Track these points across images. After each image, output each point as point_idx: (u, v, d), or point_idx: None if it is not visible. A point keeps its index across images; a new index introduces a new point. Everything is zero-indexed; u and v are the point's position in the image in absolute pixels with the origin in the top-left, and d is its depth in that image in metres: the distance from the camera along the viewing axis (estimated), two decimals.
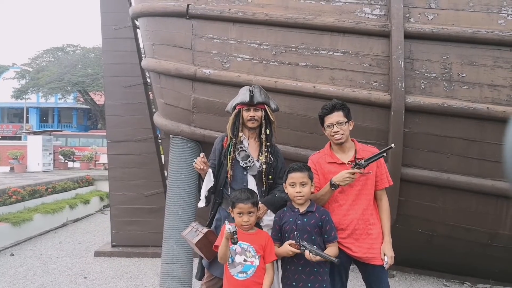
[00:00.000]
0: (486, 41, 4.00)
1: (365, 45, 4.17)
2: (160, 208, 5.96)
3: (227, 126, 2.58)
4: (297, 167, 2.23)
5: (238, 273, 2.10)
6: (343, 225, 2.34)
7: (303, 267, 2.15)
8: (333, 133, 2.38)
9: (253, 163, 2.46)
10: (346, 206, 2.35)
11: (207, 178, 2.44)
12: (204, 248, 2.30)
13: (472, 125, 4.04)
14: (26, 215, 7.41)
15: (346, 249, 2.34)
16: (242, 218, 2.15)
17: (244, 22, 4.36)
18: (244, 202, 2.15)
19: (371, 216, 2.37)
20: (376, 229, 2.38)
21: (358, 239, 2.34)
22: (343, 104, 2.45)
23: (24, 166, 14.39)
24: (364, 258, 2.32)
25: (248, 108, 2.52)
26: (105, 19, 6.38)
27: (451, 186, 4.19)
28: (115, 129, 6.40)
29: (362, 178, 2.31)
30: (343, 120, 2.38)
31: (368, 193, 2.37)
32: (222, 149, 2.57)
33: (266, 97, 2.60)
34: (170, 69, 4.54)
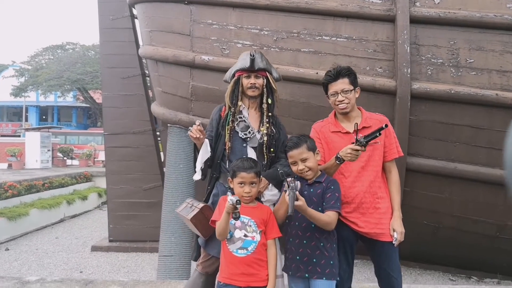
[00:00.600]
0: (494, 26, 3.87)
1: (369, 30, 4.04)
2: (159, 202, 5.81)
3: (226, 95, 2.41)
4: (292, 144, 2.03)
5: (238, 249, 1.91)
6: (349, 198, 2.14)
7: (308, 241, 1.95)
8: (337, 102, 2.18)
9: (253, 135, 2.29)
10: (351, 178, 2.14)
11: (204, 149, 2.27)
12: (200, 224, 2.13)
13: (480, 112, 3.90)
14: (22, 210, 7.28)
15: (352, 224, 2.13)
16: (244, 188, 1.96)
17: (244, 7, 4.23)
18: (247, 171, 1.96)
19: (379, 189, 2.17)
20: (385, 203, 2.18)
21: (364, 213, 2.13)
22: (349, 70, 2.23)
23: (22, 163, 14.24)
24: (371, 234, 2.12)
25: (248, 75, 2.34)
26: (102, 8, 6.25)
27: (458, 176, 4.06)
28: (113, 121, 6.27)
29: (369, 149, 2.11)
30: (349, 88, 2.17)
31: (375, 165, 2.17)
32: (219, 120, 2.41)
33: (267, 64, 2.43)
34: (168, 56, 4.40)
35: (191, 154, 4.21)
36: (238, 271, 1.90)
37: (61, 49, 30.14)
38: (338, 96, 2.17)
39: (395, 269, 2.17)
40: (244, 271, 1.90)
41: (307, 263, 1.96)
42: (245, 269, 1.90)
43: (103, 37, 6.34)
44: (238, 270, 1.90)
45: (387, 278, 2.18)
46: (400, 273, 2.21)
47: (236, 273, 1.90)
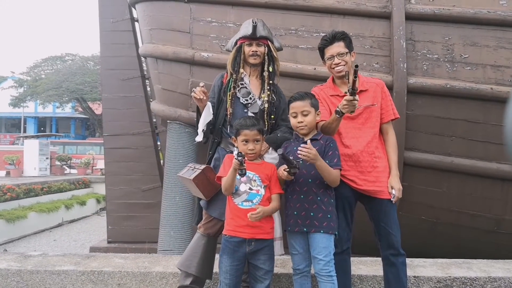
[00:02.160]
0: (488, 22, 3.95)
1: (366, 27, 4.12)
2: (157, 203, 5.83)
3: (228, 62, 2.48)
4: (298, 95, 2.13)
5: (243, 201, 2.00)
6: (346, 157, 2.20)
7: (306, 195, 2.02)
8: (334, 65, 2.26)
9: (254, 101, 2.36)
10: (349, 138, 2.21)
11: (206, 112, 2.33)
12: (202, 185, 2.17)
13: (475, 106, 3.96)
14: (21, 213, 7.29)
15: (350, 182, 2.20)
16: (248, 145, 2.04)
17: (243, 5, 4.31)
18: (250, 129, 2.04)
19: (377, 149, 2.23)
20: (382, 162, 2.24)
21: (363, 171, 2.20)
22: (344, 34, 2.32)
23: (20, 171, 14.24)
24: (370, 191, 2.18)
25: (250, 42, 2.42)
26: (103, 11, 6.34)
27: (455, 170, 4.09)
28: (112, 122, 6.31)
29: (366, 111, 2.19)
30: (344, 50, 2.26)
31: (372, 126, 2.24)
32: (221, 86, 2.47)
33: (269, 33, 2.51)
34: (168, 53, 4.47)
35: (191, 150, 4.29)
36: (243, 222, 1.98)
37: (60, 60, 30.35)
38: (334, 59, 2.25)
39: (394, 226, 2.23)
40: (249, 222, 1.97)
41: (304, 217, 2.02)
42: (249, 221, 1.94)
43: (103, 40, 6.42)
44: (243, 222, 1.99)
45: (386, 236, 2.24)
46: (399, 230, 2.27)
47: (241, 225, 1.99)
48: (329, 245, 2.05)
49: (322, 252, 2.01)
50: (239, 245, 2.03)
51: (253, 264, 2.07)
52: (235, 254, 2.03)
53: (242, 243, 2.03)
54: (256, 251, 2.03)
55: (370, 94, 2.28)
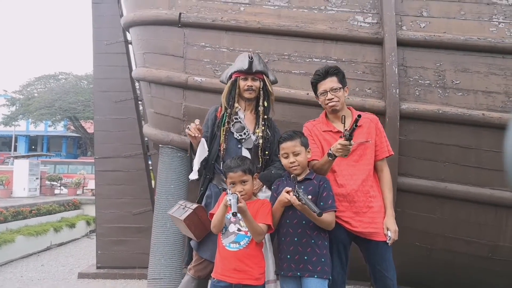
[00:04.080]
0: (478, 48, 4.01)
1: (358, 53, 4.15)
2: (148, 227, 5.72)
3: (222, 95, 2.45)
4: (287, 135, 2.10)
5: (231, 243, 1.93)
6: (341, 197, 2.16)
7: (299, 238, 1.97)
8: (327, 101, 2.24)
9: (248, 136, 2.32)
10: (343, 177, 2.17)
11: (201, 148, 2.28)
12: (193, 225, 2.11)
13: (467, 132, 3.98)
14: (8, 237, 7.11)
15: (345, 224, 2.14)
16: (236, 188, 1.99)
17: (237, 30, 4.33)
18: (234, 171, 2.01)
19: (372, 188, 2.21)
20: (378, 202, 2.21)
21: (358, 212, 2.16)
22: (337, 69, 2.31)
23: (9, 191, 13.99)
24: (365, 233, 2.14)
25: (245, 77, 2.39)
26: (97, 34, 6.37)
27: (449, 196, 4.08)
28: (104, 145, 6.26)
29: (360, 147, 2.16)
30: (338, 86, 2.25)
31: (367, 163, 2.21)
32: (215, 120, 2.43)
33: (265, 67, 2.50)
34: (161, 77, 4.47)
35: (182, 175, 4.23)
36: (230, 266, 1.90)
37: (53, 79, 30.33)
38: (327, 95, 2.24)
39: (390, 269, 2.18)
40: (235, 266, 1.89)
41: (298, 261, 1.97)
42: (237, 264, 1.89)
43: (96, 62, 6.42)
44: (230, 265, 1.91)
45: (382, 279, 2.19)
46: (395, 273, 2.22)
47: (228, 269, 1.90)
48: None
49: None
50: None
51: None
52: None
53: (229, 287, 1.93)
54: None
55: (365, 130, 2.26)
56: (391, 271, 2.19)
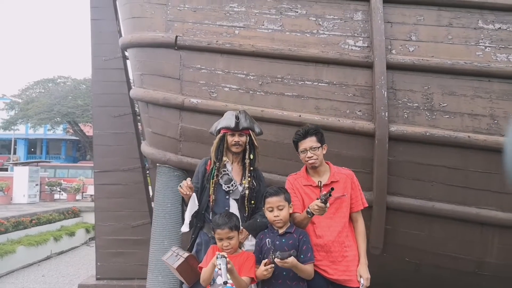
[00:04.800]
0: (465, 72, 4.13)
1: (349, 76, 4.28)
2: (147, 239, 5.84)
3: (211, 150, 2.61)
4: (272, 191, 2.28)
5: None
6: (318, 247, 2.35)
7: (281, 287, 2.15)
8: (307, 158, 2.43)
9: (235, 187, 2.49)
10: (321, 228, 2.37)
11: (191, 203, 2.45)
12: (185, 272, 2.29)
13: (454, 153, 4.11)
14: (9, 247, 7.25)
15: (322, 272, 2.35)
16: (222, 243, 2.17)
17: (231, 53, 4.46)
18: (221, 228, 2.20)
19: (347, 238, 2.40)
20: (352, 251, 2.40)
21: (334, 261, 2.36)
22: (316, 129, 2.50)
23: (9, 198, 14.13)
24: (340, 280, 2.34)
25: (233, 133, 2.57)
26: (95, 50, 6.48)
27: (436, 214, 4.21)
28: (103, 158, 6.38)
29: (337, 201, 2.34)
30: (316, 145, 2.44)
31: (343, 216, 2.41)
32: (205, 173, 2.60)
33: (251, 122, 2.66)
34: (158, 99, 4.60)
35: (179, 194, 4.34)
36: None
37: (52, 83, 30.46)
38: (307, 153, 2.40)
39: None
40: None
41: None
42: None
43: (95, 77, 6.55)
44: None
45: None
46: None
47: None
48: None
49: None
50: None
51: None
52: None
53: None
54: None
55: (341, 185, 2.46)
56: None
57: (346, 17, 4.37)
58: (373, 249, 4.38)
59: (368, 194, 4.23)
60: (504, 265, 4.27)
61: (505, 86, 4.12)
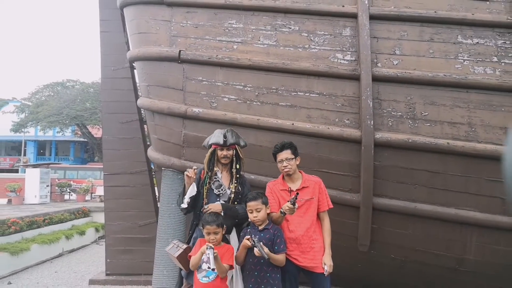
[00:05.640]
0: (444, 84, 4.46)
1: (338, 87, 4.63)
2: (153, 238, 6.25)
3: (204, 161, 3.06)
4: (252, 197, 2.76)
5: (203, 277, 2.65)
6: (291, 240, 2.81)
7: (259, 272, 2.69)
8: (283, 167, 2.90)
9: (224, 191, 2.96)
10: (293, 225, 2.83)
11: (191, 188, 2.93)
12: (183, 261, 2.78)
13: (435, 158, 4.44)
14: (24, 245, 7.68)
15: (294, 260, 2.83)
16: (210, 236, 2.63)
17: (230, 67, 4.83)
18: (210, 224, 2.69)
19: (314, 233, 2.85)
20: (318, 244, 2.86)
21: (303, 251, 2.84)
22: (291, 144, 3.00)
23: (21, 198, 14.64)
24: (308, 267, 2.80)
25: (221, 148, 3.02)
26: (104, 60, 6.91)
27: (419, 214, 4.55)
28: (112, 162, 6.80)
29: (307, 203, 2.80)
30: (291, 157, 2.93)
31: (311, 215, 2.86)
32: (199, 180, 3.03)
33: (236, 138, 3.10)
34: (163, 108, 4.99)
35: None
36: None
37: (61, 86, 31.04)
38: (283, 163, 2.84)
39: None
40: None
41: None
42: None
43: (104, 86, 6.98)
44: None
45: None
46: None
47: None
48: None
49: None
50: None
51: None
52: None
53: None
54: None
55: (310, 190, 2.96)
56: None
57: (335, 33, 4.73)
58: (360, 246, 4.74)
59: (355, 196, 4.62)
60: (482, 262, 4.59)
61: (482, 96, 4.45)
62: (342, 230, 4.70)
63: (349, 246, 4.72)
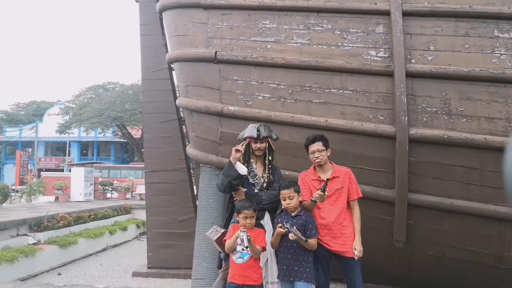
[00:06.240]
0: (481, 78, 4.41)
1: (372, 84, 4.67)
2: (192, 232, 6.48)
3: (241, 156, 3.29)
4: (285, 185, 2.95)
5: (238, 258, 2.90)
6: (322, 226, 3.02)
7: (292, 255, 2.89)
8: (315, 158, 3.04)
9: (259, 180, 3.17)
10: (325, 212, 2.99)
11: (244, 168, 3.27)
12: (221, 244, 3.08)
13: (471, 154, 4.40)
14: (72, 239, 8.15)
15: (325, 245, 3.02)
16: (246, 220, 2.88)
17: (264, 66, 4.97)
18: (248, 209, 2.92)
19: (345, 220, 3.02)
20: (349, 230, 3.02)
21: (334, 237, 3.02)
22: (322, 136, 3.15)
23: (67, 196, 15.41)
24: (339, 251, 2.98)
25: (255, 141, 3.21)
26: (144, 62, 7.23)
27: (455, 210, 4.52)
28: (152, 160, 7.11)
29: (337, 192, 2.95)
30: (322, 148, 3.08)
31: (342, 203, 3.03)
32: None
33: (269, 132, 3.28)
34: (201, 107, 5.20)
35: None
36: (237, 273, 2.89)
37: (102, 89, 32.31)
38: (315, 154, 2.98)
39: (357, 276, 2.93)
40: (240, 273, 2.87)
41: (291, 270, 2.85)
42: (241, 271, 2.87)
43: (144, 87, 7.31)
44: (237, 272, 2.89)
45: (351, 283, 2.98)
46: (361, 280, 2.99)
47: (236, 274, 2.89)
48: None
49: None
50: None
51: None
52: None
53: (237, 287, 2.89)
54: None
55: (340, 179, 3.12)
56: (358, 277, 3.09)
57: (368, 30, 4.77)
58: (396, 242, 4.76)
59: (390, 192, 4.64)
60: None
61: None
62: (377, 226, 4.74)
63: (385, 242, 4.75)
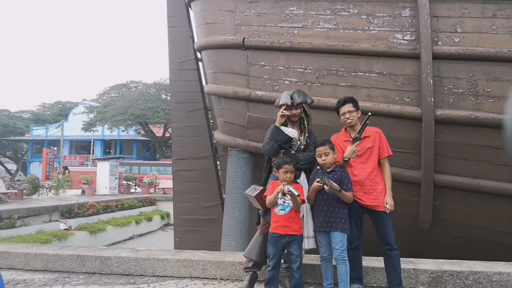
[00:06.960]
0: (509, 59, 4.44)
1: (398, 66, 4.74)
2: (217, 219, 6.66)
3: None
4: (320, 143, 3.14)
5: (279, 210, 3.10)
6: (355, 183, 3.17)
7: (328, 207, 3.06)
8: (346, 119, 3.18)
9: (296, 143, 3.31)
10: (357, 169, 3.20)
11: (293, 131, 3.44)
12: (261, 200, 3.23)
13: (499, 134, 4.41)
14: (101, 226, 8.45)
15: (358, 200, 3.16)
16: (287, 175, 3.09)
17: (291, 51, 5.09)
18: (289, 164, 3.14)
19: (376, 177, 3.18)
20: (380, 186, 3.16)
21: (366, 192, 3.17)
22: (352, 98, 3.32)
23: (93, 190, 15.84)
24: (371, 206, 3.13)
25: (290, 108, 3.35)
26: (172, 53, 7.41)
27: (482, 191, 4.55)
28: (180, 148, 7.29)
29: (368, 151, 3.09)
30: (353, 109, 3.24)
31: (372, 161, 3.20)
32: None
33: (303, 97, 3.42)
34: (229, 92, 5.35)
35: (248, 173, 5.14)
36: (280, 224, 3.08)
37: (125, 87, 32.92)
38: (345, 115, 3.12)
39: (389, 230, 3.04)
40: (282, 224, 3.07)
41: (327, 221, 3.02)
42: (283, 222, 3.06)
43: (172, 77, 7.49)
44: (279, 223, 3.08)
45: (384, 236, 3.14)
46: (393, 232, 3.12)
47: (278, 225, 3.08)
48: (343, 240, 3.03)
49: (339, 244, 3.00)
50: (278, 239, 3.09)
51: (288, 251, 3.11)
52: (276, 244, 3.10)
53: (280, 237, 3.09)
54: (289, 242, 3.07)
55: (371, 139, 3.26)
56: (390, 230, 3.14)
57: (394, 14, 4.84)
58: (422, 223, 4.80)
59: (416, 173, 4.70)
60: None
61: None
62: (403, 207, 4.79)
63: (411, 223, 4.81)
